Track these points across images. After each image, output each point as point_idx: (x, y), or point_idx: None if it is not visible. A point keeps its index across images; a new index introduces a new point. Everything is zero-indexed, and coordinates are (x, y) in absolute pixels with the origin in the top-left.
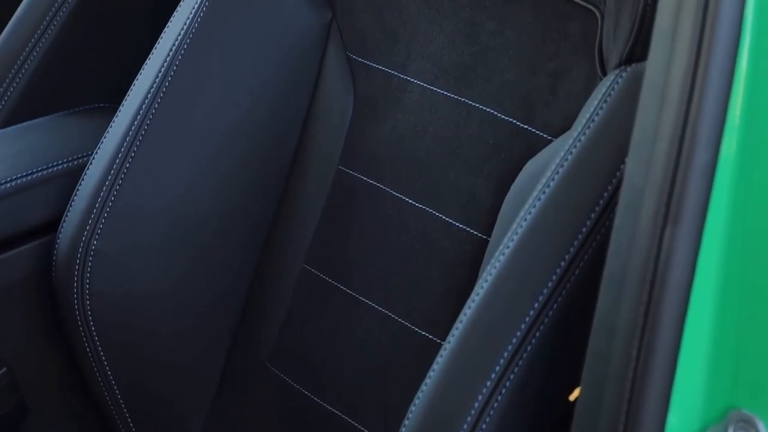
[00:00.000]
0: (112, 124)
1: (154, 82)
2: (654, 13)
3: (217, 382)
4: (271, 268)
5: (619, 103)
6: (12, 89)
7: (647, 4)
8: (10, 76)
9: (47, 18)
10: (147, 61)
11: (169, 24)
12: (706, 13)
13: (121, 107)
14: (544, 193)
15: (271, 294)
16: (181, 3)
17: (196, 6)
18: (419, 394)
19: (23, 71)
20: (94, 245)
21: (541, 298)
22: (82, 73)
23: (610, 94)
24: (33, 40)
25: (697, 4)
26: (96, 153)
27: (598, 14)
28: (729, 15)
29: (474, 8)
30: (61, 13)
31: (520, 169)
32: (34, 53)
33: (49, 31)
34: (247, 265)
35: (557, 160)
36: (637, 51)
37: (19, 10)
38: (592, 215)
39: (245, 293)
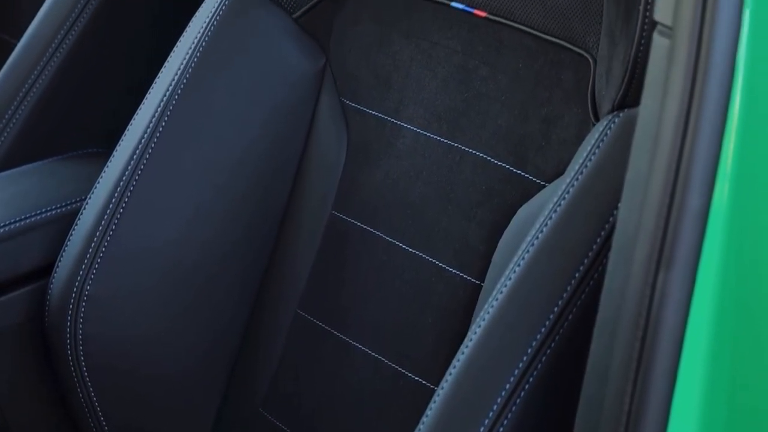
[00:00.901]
0: (105, 169)
1: (148, 127)
2: (646, 60)
3: (210, 427)
4: (265, 313)
5: (612, 149)
6: (6, 134)
7: (639, 51)
8: (4, 120)
9: (41, 63)
10: (140, 106)
11: (163, 70)
12: (698, 61)
13: (114, 153)
14: (537, 238)
15: (265, 339)
16: (175, 49)
17: (189, 52)
18: None
19: (17, 116)
20: (87, 290)
21: (534, 343)
22: (76, 118)
23: (602, 140)
24: (27, 85)
25: (689, 52)
26: (89, 198)
27: (590, 60)
28: (721, 63)
29: (467, 54)
30: (56, 58)
31: (513, 214)
32: (29, 98)
33: (44, 76)
34: (242, 310)
35: (550, 206)
36: (630, 97)
37: (14, 54)
38: (585, 260)
39: (240, 338)
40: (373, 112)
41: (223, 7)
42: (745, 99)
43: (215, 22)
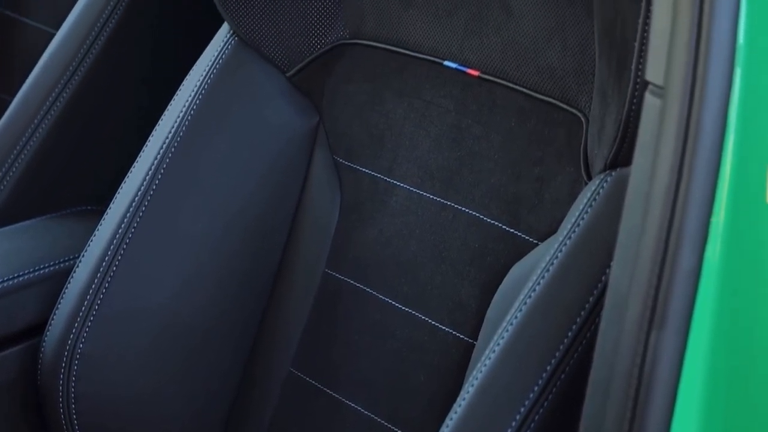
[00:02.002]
0: (98, 227)
1: (141, 186)
2: (638, 120)
3: None
4: (257, 371)
5: (605, 208)
6: (0, 191)
7: (631, 111)
8: None
9: (36, 120)
10: (134, 164)
11: (157, 128)
12: (689, 121)
13: (108, 210)
14: (530, 297)
15: (257, 397)
16: (169, 107)
17: (183, 110)
18: None
19: (12, 173)
20: (80, 348)
21: (527, 402)
22: (71, 176)
23: (595, 199)
24: (21, 142)
25: (680, 113)
26: (83, 256)
27: (582, 119)
28: (712, 124)
29: (460, 113)
30: (50, 116)
31: (507, 273)
32: (23, 155)
33: (38, 134)
34: (234, 368)
35: (543, 264)
36: (622, 156)
37: (9, 111)
38: (578, 319)
39: (233, 396)
40: (367, 171)
41: (218, 66)
42: (736, 158)
43: (209, 80)
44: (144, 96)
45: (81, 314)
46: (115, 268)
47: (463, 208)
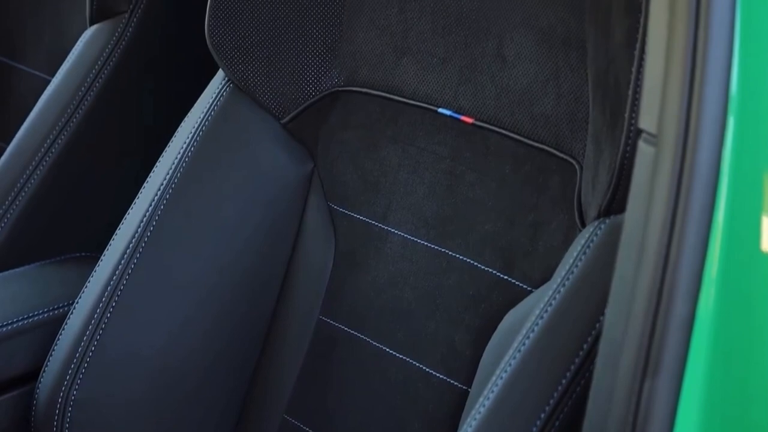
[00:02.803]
0: (93, 273)
1: (136, 233)
2: (631, 167)
3: None
4: (251, 417)
5: (598, 256)
6: None
7: (625, 159)
8: None
9: (30, 167)
10: (129, 211)
11: (151, 175)
12: (683, 169)
13: (102, 257)
14: (524, 344)
15: None
16: (164, 154)
17: (178, 157)
18: None
19: (6, 220)
20: (74, 395)
21: None
22: (64, 222)
23: (589, 246)
24: (16, 189)
25: (674, 161)
26: (77, 303)
27: (576, 166)
28: (705, 171)
29: (454, 160)
30: (45, 162)
31: (501, 320)
32: (17, 202)
33: (32, 180)
34: (228, 415)
35: (537, 312)
36: (616, 203)
37: (3, 158)
38: (572, 366)
39: None
40: (361, 217)
41: (213, 113)
42: (729, 207)
43: (204, 127)
44: (139, 142)
45: (75, 361)
46: (109, 315)
47: (458, 255)
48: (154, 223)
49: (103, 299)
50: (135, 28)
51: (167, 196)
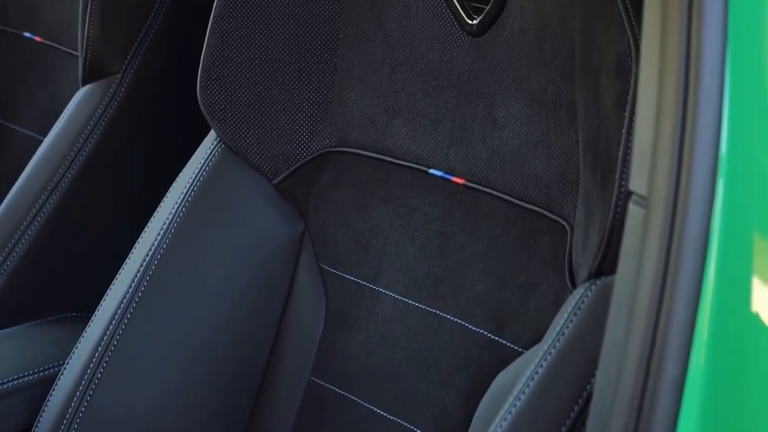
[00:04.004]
0: (84, 334)
1: (127, 292)
2: (622, 229)
3: None
4: None
5: (589, 317)
6: None
7: (615, 220)
8: None
9: (21, 227)
10: (120, 270)
11: (142, 235)
12: (673, 231)
13: (93, 317)
14: (515, 405)
15: None
16: (154, 215)
17: (169, 219)
18: None
19: None
20: None
21: None
22: (55, 282)
23: (579, 308)
24: (7, 248)
25: (664, 223)
26: (68, 363)
27: (567, 228)
28: (695, 234)
29: (445, 221)
30: (36, 223)
31: (492, 381)
32: (8, 262)
33: (24, 240)
34: None
35: (528, 373)
36: (606, 265)
37: None
38: (563, 429)
39: None
40: (352, 278)
41: (204, 173)
42: (720, 268)
43: (196, 188)
44: (131, 201)
45: (65, 422)
46: (100, 375)
47: (449, 316)
48: (146, 283)
49: (95, 359)
50: (127, 88)
51: (159, 256)
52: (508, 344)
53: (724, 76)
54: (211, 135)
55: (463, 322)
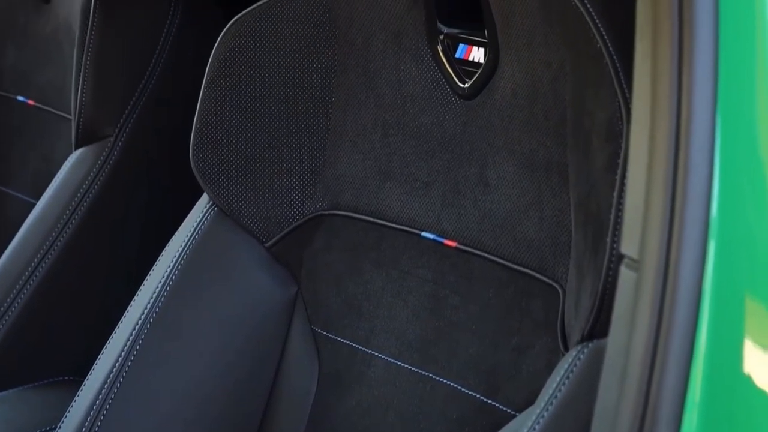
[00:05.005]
0: (76, 398)
1: (120, 355)
2: (614, 292)
3: None
4: None
5: (582, 380)
6: None
7: (607, 283)
8: None
9: (14, 291)
10: (113, 334)
11: (135, 298)
12: (665, 294)
13: (85, 381)
14: None
15: None
16: (147, 279)
17: (161, 283)
18: None
19: None
20: None
21: None
22: (48, 347)
23: (572, 371)
24: (0, 312)
25: (655, 286)
26: (59, 427)
27: (559, 291)
28: (687, 297)
29: (437, 283)
30: (29, 287)
31: None
32: (1, 325)
33: (16, 305)
34: None
35: None
36: (598, 328)
37: None
38: None
39: None
40: (345, 341)
41: (197, 237)
42: (711, 332)
43: (188, 252)
44: (124, 265)
45: None
46: None
47: (441, 379)
48: (138, 347)
49: (87, 423)
50: (120, 151)
51: (151, 320)
52: (500, 407)
53: (714, 139)
54: (204, 198)
55: (455, 385)
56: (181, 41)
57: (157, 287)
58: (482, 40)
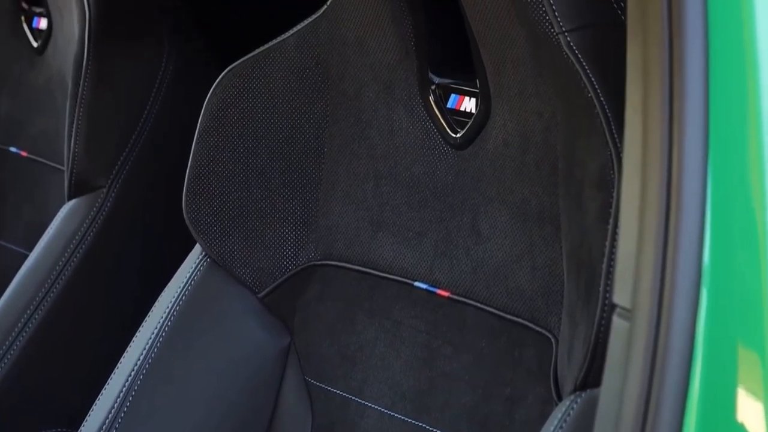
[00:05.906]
0: None
1: (113, 407)
2: (606, 342)
3: None
4: None
5: (575, 429)
6: None
7: (599, 333)
8: None
9: (7, 343)
10: (106, 385)
11: (127, 351)
12: (657, 344)
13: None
14: None
15: None
16: (139, 331)
17: (154, 334)
18: None
19: None
20: None
21: None
22: (40, 398)
23: (565, 420)
24: None
25: (648, 336)
26: None
27: (552, 340)
28: (679, 346)
29: (430, 333)
30: (22, 338)
31: None
32: None
33: (9, 356)
34: None
35: None
36: (592, 377)
37: None
38: None
39: None
40: (338, 391)
41: (189, 288)
42: (704, 380)
43: (181, 303)
44: (117, 316)
45: None
46: None
47: (435, 430)
48: (131, 398)
49: None
50: (113, 202)
51: (144, 371)
52: None
53: (706, 188)
54: (197, 248)
55: None
56: (173, 91)
57: (150, 338)
58: (474, 90)
